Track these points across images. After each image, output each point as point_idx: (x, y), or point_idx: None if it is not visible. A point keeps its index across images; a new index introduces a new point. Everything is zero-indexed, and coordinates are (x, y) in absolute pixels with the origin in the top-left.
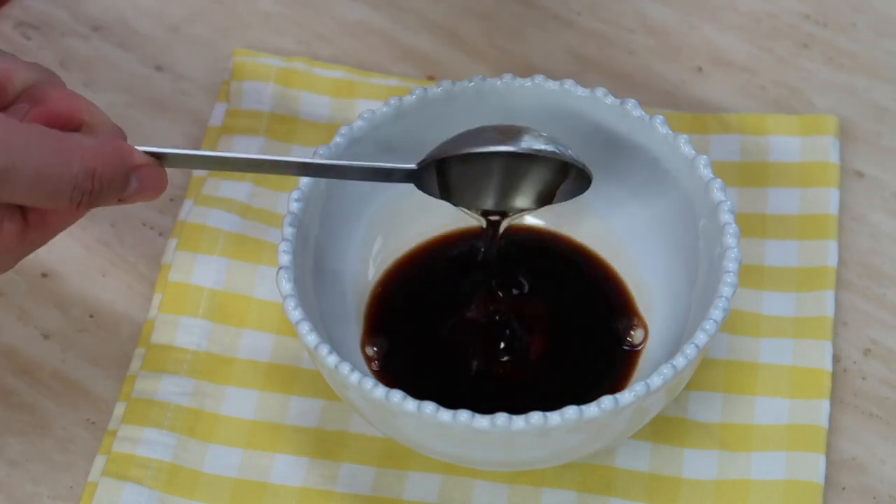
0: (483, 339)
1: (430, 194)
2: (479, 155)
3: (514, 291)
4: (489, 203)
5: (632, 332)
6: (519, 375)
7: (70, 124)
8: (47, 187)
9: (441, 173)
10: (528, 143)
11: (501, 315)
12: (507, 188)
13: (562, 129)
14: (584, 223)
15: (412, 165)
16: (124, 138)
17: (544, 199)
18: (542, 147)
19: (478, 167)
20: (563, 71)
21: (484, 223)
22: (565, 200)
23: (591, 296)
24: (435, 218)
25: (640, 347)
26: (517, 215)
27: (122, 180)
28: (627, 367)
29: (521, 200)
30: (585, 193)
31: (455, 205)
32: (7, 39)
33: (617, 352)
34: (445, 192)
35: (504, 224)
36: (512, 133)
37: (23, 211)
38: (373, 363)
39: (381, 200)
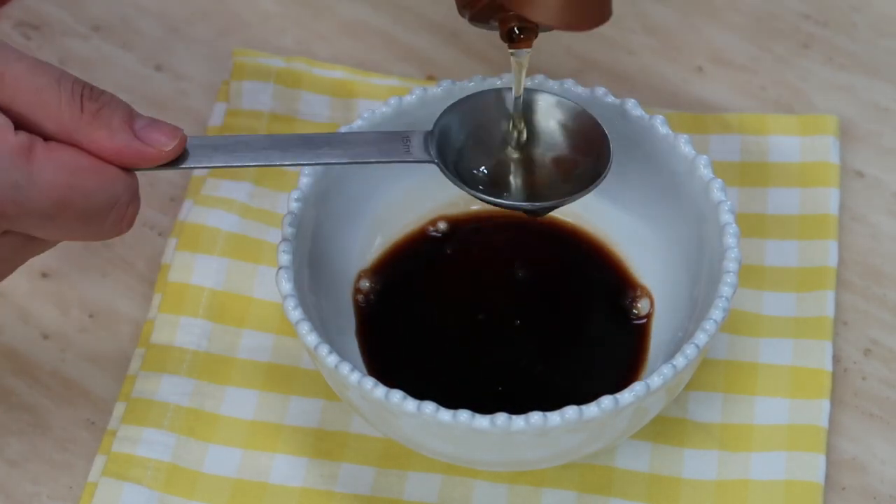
0: (483, 339)
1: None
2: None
3: (515, 292)
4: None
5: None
6: (519, 375)
7: None
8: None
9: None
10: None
11: (502, 314)
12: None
13: None
14: (583, 224)
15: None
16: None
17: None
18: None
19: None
20: (563, 71)
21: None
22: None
23: (590, 296)
24: (435, 217)
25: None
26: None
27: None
28: (628, 369)
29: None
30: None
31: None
32: (7, 39)
33: (617, 353)
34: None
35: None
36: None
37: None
38: (359, 296)
39: (381, 200)
